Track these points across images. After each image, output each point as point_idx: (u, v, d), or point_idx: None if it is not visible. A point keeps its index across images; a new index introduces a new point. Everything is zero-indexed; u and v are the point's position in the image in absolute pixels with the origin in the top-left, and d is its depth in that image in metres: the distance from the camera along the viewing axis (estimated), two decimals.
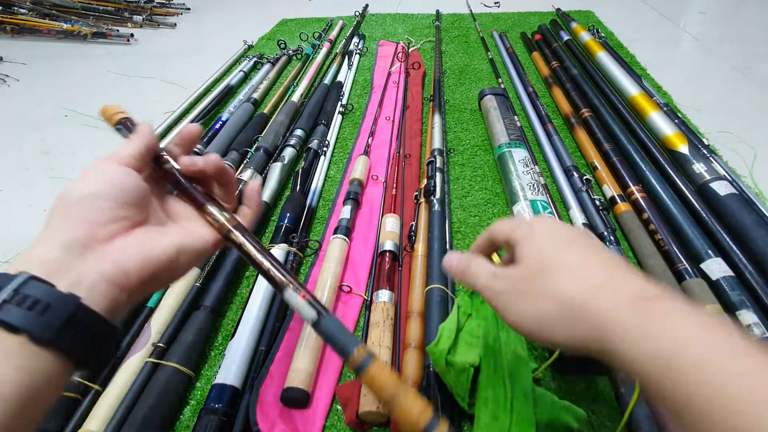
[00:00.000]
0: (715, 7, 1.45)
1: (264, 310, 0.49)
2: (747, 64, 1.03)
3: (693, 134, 0.72)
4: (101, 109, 0.31)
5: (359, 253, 0.57)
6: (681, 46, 1.19)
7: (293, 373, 0.41)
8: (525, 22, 1.34)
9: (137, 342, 0.45)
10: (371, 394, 0.39)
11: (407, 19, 1.42)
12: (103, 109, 0.31)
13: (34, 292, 0.19)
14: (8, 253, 0.62)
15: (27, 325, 0.19)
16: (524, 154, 0.67)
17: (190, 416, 0.42)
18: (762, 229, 0.51)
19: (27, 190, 0.77)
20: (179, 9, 1.72)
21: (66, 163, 0.84)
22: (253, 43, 1.30)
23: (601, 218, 0.57)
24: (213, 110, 0.94)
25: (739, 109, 0.86)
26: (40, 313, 0.19)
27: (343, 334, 0.24)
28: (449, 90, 0.97)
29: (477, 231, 0.60)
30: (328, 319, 0.24)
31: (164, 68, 1.23)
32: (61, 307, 0.20)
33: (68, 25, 1.45)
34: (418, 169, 0.72)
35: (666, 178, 0.63)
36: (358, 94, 0.99)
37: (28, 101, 1.08)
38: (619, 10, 1.41)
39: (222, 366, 0.43)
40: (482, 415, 0.36)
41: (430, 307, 0.46)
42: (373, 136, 0.81)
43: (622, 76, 0.87)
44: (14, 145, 0.91)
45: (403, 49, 1.10)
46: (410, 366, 0.42)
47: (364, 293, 0.52)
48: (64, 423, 0.39)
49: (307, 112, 0.85)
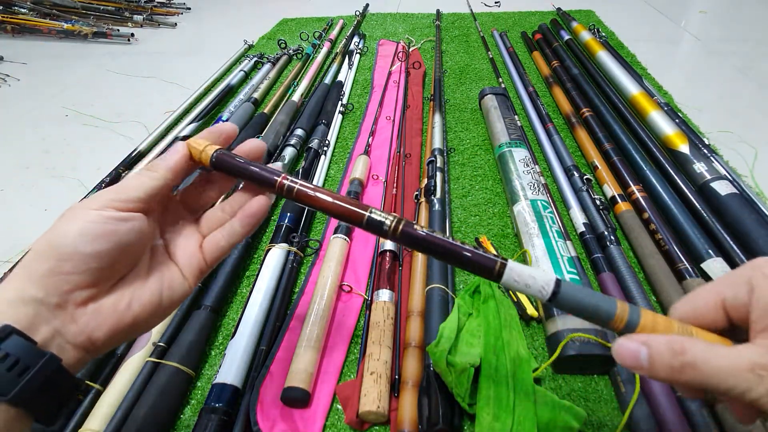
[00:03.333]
0: (715, 7, 1.44)
1: (264, 309, 0.49)
2: (748, 63, 1.03)
3: (694, 134, 0.72)
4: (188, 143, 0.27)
5: (360, 252, 0.57)
6: (682, 45, 1.19)
7: (293, 372, 0.41)
8: (525, 21, 1.34)
9: (138, 342, 0.45)
10: (371, 394, 0.39)
11: (408, 18, 1.42)
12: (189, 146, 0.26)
13: (14, 350, 0.19)
14: (8, 252, 0.62)
15: (3, 389, 0.18)
16: (525, 153, 0.67)
17: (190, 415, 0.42)
18: (763, 228, 0.51)
19: (27, 189, 0.78)
20: (179, 9, 1.72)
21: (66, 163, 0.84)
22: (253, 43, 1.30)
23: (601, 218, 0.57)
24: (213, 110, 0.94)
25: (739, 109, 0.86)
26: (19, 375, 0.19)
27: (593, 295, 0.21)
28: (450, 89, 0.97)
29: (477, 231, 0.60)
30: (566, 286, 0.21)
31: (164, 68, 1.23)
32: (40, 370, 0.19)
33: (69, 24, 1.46)
34: (419, 169, 0.72)
35: (666, 178, 0.63)
36: (359, 93, 0.99)
37: (28, 101, 1.08)
38: (619, 10, 1.40)
39: (222, 365, 0.43)
40: (484, 415, 0.36)
41: (431, 306, 0.46)
42: (373, 135, 0.81)
43: (622, 75, 0.87)
44: (15, 144, 0.91)
45: (404, 49, 1.10)
46: (410, 366, 0.42)
47: (365, 293, 0.52)
48: (65, 422, 0.39)
49: (308, 112, 0.85)
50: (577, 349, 0.40)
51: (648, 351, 0.20)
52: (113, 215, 0.22)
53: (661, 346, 0.19)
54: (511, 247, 0.57)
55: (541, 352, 0.45)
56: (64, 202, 0.70)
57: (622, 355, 0.20)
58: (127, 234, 0.22)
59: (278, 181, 0.26)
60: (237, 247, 0.56)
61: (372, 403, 0.38)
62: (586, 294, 0.21)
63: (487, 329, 0.42)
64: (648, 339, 0.20)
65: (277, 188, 0.26)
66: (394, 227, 0.24)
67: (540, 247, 0.51)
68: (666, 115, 0.73)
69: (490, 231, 0.60)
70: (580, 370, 0.43)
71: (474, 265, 0.22)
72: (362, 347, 0.45)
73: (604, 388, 0.42)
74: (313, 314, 0.46)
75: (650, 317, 0.20)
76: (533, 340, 0.46)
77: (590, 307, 0.20)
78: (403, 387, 0.40)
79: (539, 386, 0.39)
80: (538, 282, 0.21)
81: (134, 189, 0.23)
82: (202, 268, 0.27)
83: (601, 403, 0.41)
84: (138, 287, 0.24)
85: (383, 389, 0.40)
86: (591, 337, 0.41)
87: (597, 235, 0.56)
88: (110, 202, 0.22)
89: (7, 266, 0.56)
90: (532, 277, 0.21)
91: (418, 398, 0.39)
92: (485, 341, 0.41)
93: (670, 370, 0.19)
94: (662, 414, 0.37)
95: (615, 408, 0.40)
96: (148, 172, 0.24)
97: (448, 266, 0.51)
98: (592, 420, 0.39)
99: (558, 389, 0.42)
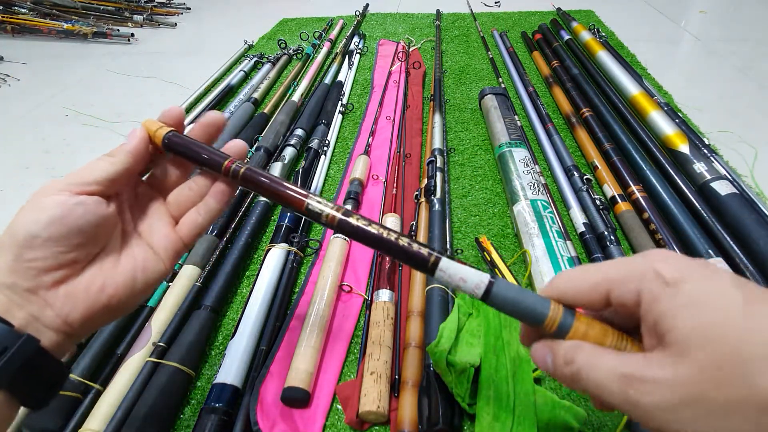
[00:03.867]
0: (715, 7, 1.44)
1: (264, 309, 0.49)
2: (748, 63, 1.03)
3: (694, 134, 0.72)
4: (144, 124, 0.27)
5: (360, 252, 0.57)
6: (682, 45, 1.19)
7: (293, 372, 0.41)
8: (525, 21, 1.34)
9: (138, 341, 0.45)
10: (371, 394, 0.39)
11: (408, 18, 1.42)
12: (145, 124, 0.27)
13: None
14: None
15: None
16: (525, 153, 0.67)
17: (190, 415, 0.42)
18: (763, 228, 0.51)
19: (27, 189, 0.77)
20: (179, 9, 1.72)
21: (66, 163, 0.84)
22: (253, 43, 1.30)
23: (601, 218, 0.57)
24: (213, 110, 0.94)
25: (739, 109, 0.86)
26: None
27: (527, 296, 0.20)
28: (450, 89, 0.97)
29: (477, 231, 0.60)
30: (500, 286, 0.21)
31: (164, 68, 1.23)
32: (19, 351, 0.19)
33: (69, 24, 1.46)
34: (419, 169, 0.72)
35: (667, 178, 0.63)
36: (359, 93, 0.99)
37: (28, 101, 1.08)
38: (619, 10, 1.40)
39: (222, 365, 0.43)
40: (484, 415, 0.36)
41: (431, 306, 0.46)
42: (373, 135, 0.81)
43: (622, 75, 0.87)
44: (15, 144, 0.91)
45: (404, 49, 1.10)
46: (410, 365, 0.42)
47: (365, 293, 0.52)
48: (65, 422, 0.39)
49: (308, 112, 0.85)
50: None
51: (552, 357, 0.20)
52: (67, 199, 0.22)
53: (559, 353, 0.19)
54: (511, 247, 0.57)
55: None
56: None
57: (534, 358, 0.21)
58: (83, 216, 0.23)
59: (224, 165, 0.26)
60: (237, 247, 0.56)
61: (372, 403, 0.38)
62: (519, 294, 0.20)
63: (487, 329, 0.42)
64: (553, 345, 0.20)
65: (223, 171, 0.26)
66: (331, 217, 0.24)
67: (540, 247, 0.51)
68: (666, 115, 0.73)
69: (490, 231, 0.60)
70: None
71: (408, 257, 0.22)
72: (362, 347, 0.45)
73: None
74: (313, 314, 0.46)
75: (584, 323, 0.20)
76: None
77: (523, 307, 0.20)
78: (403, 387, 0.40)
79: (539, 386, 0.39)
80: (470, 282, 0.21)
81: (91, 172, 0.24)
82: (178, 248, 0.27)
83: None
84: (110, 269, 0.24)
85: (383, 389, 0.40)
86: None
87: (597, 235, 0.55)
88: (67, 186, 0.23)
89: None
90: (462, 279, 0.21)
91: (418, 398, 0.39)
92: (485, 341, 0.41)
93: (566, 378, 0.19)
94: None
95: None
96: (107, 157, 0.25)
97: None
98: (592, 420, 0.39)
99: (558, 389, 0.42)
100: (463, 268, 0.21)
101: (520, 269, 0.54)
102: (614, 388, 0.17)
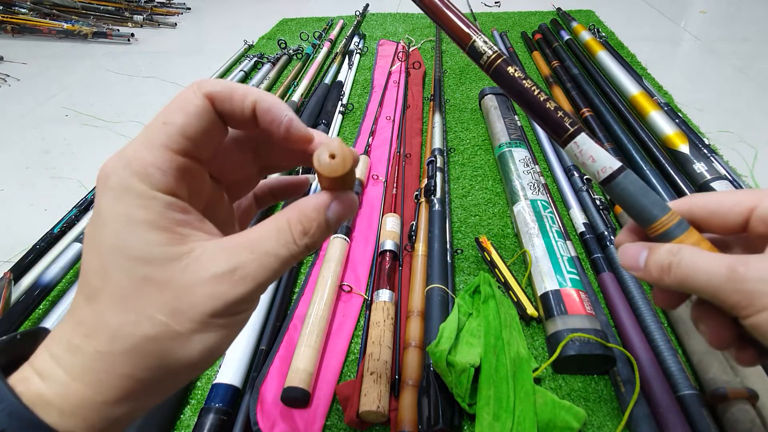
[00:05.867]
0: (715, 7, 1.44)
1: (264, 309, 0.49)
2: (748, 63, 1.03)
3: (694, 134, 0.72)
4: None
5: (359, 252, 0.57)
6: (682, 45, 1.19)
7: (293, 372, 0.41)
8: (525, 21, 1.34)
9: None
10: (371, 394, 0.39)
11: (408, 18, 1.42)
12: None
13: None
14: (8, 252, 0.62)
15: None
16: (525, 153, 0.67)
17: (190, 415, 0.42)
18: None
19: (27, 189, 0.78)
20: (179, 9, 1.72)
21: (66, 163, 0.84)
22: (253, 43, 1.30)
23: (601, 218, 0.57)
24: None
25: (739, 109, 0.86)
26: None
27: (650, 194, 0.20)
28: (450, 89, 0.97)
29: (477, 231, 0.60)
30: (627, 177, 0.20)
31: (164, 68, 1.23)
32: None
33: (69, 24, 1.46)
34: (419, 169, 0.72)
35: (667, 178, 0.63)
36: (359, 93, 0.99)
37: (28, 101, 1.08)
38: (619, 10, 1.40)
39: (222, 365, 0.43)
40: (484, 415, 0.36)
41: (431, 306, 0.46)
42: (373, 135, 0.81)
43: (622, 75, 0.87)
44: (15, 144, 0.91)
45: (404, 49, 1.10)
46: (410, 366, 0.42)
47: (365, 293, 0.52)
48: None
49: (308, 112, 0.85)
50: (577, 349, 0.40)
51: (647, 252, 0.21)
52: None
53: (660, 248, 0.20)
54: (511, 247, 0.57)
55: (541, 352, 0.45)
56: (64, 202, 0.70)
57: (623, 256, 0.22)
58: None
59: None
60: None
61: (372, 403, 0.38)
62: (643, 189, 0.20)
63: (487, 329, 0.42)
64: (653, 244, 0.21)
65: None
66: (491, 60, 0.24)
67: (540, 247, 0.51)
68: (666, 115, 0.73)
69: (490, 231, 0.60)
70: (579, 370, 0.43)
71: (548, 120, 0.22)
72: (362, 347, 0.45)
73: (604, 388, 0.42)
74: (313, 314, 0.46)
75: (695, 235, 0.20)
76: (533, 340, 0.46)
77: (641, 203, 0.20)
78: (403, 387, 0.40)
79: (539, 386, 0.39)
80: (599, 163, 0.21)
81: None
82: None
83: (601, 403, 0.41)
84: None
85: (383, 389, 0.40)
86: (591, 337, 0.41)
87: (597, 235, 0.56)
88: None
89: (7, 266, 0.56)
90: (592, 158, 0.21)
91: (418, 398, 0.39)
92: (485, 341, 0.41)
93: (660, 269, 0.20)
94: (662, 414, 0.37)
95: (615, 408, 0.40)
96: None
97: (448, 266, 0.51)
98: (592, 420, 0.39)
99: (558, 389, 0.42)
100: (598, 149, 0.21)
101: (520, 269, 0.54)
102: (722, 270, 0.18)
